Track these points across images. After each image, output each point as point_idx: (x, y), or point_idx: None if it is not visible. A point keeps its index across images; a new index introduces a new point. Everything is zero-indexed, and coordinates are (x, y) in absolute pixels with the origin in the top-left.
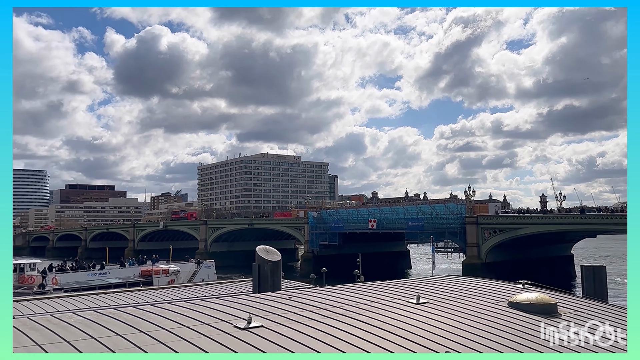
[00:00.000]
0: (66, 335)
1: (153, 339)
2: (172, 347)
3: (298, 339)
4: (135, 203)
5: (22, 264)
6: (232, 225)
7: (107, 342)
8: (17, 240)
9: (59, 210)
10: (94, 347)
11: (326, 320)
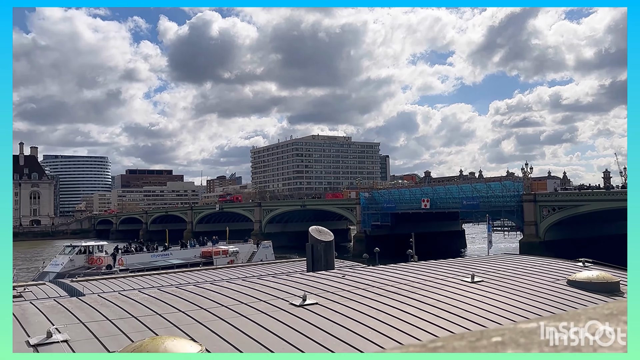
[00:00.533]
0: (133, 311)
1: (213, 315)
2: (231, 322)
3: (352, 316)
4: (192, 186)
5: (91, 246)
6: (285, 207)
7: (170, 318)
8: (83, 224)
9: (121, 195)
10: (159, 323)
11: (379, 299)
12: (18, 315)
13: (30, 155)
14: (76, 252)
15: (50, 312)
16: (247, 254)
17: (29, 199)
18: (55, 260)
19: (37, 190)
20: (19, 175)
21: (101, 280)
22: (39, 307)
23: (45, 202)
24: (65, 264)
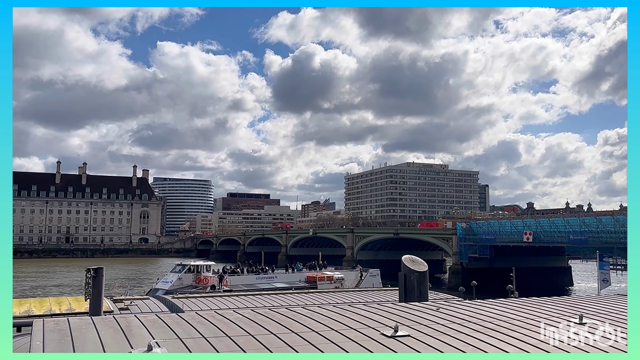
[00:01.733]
0: (227, 330)
1: (304, 340)
2: (320, 348)
3: (446, 351)
4: (288, 211)
5: (200, 266)
6: (377, 234)
7: (262, 340)
8: (186, 243)
9: (221, 217)
10: (251, 344)
11: (476, 335)
12: (123, 327)
13: (142, 177)
14: (185, 270)
15: (151, 326)
16: (353, 281)
17: (139, 218)
18: (166, 278)
19: (147, 210)
20: (132, 195)
21: (199, 298)
22: (142, 321)
23: (153, 221)
24: (174, 282)
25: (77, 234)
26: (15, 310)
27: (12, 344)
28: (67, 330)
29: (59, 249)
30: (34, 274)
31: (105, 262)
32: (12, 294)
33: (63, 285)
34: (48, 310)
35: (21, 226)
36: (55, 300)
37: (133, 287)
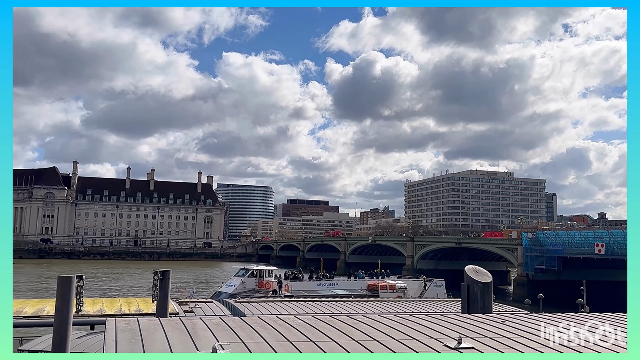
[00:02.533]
0: (289, 335)
1: (364, 348)
2: (381, 358)
3: None
4: (347, 218)
5: (262, 271)
6: (438, 243)
7: (323, 346)
8: (248, 248)
9: (281, 223)
10: (312, 349)
11: (543, 349)
12: (189, 328)
13: (206, 183)
14: (248, 275)
15: (215, 329)
16: (417, 291)
17: (203, 223)
18: (230, 282)
19: (211, 215)
20: (196, 200)
21: (261, 303)
22: (207, 323)
23: (217, 226)
24: (237, 286)
25: (145, 237)
26: (88, 309)
27: (87, 340)
28: (137, 330)
29: (128, 251)
30: (106, 275)
31: (171, 265)
32: (43, 294)
33: (132, 287)
34: (118, 310)
35: (94, 229)
36: (125, 301)
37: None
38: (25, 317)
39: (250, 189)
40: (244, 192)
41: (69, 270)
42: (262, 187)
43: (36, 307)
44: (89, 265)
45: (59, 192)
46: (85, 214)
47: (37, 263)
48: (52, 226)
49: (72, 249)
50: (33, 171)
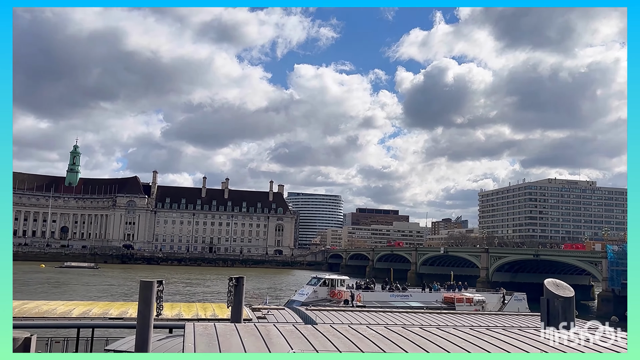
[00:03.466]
0: (361, 345)
1: None
2: None
3: None
4: (417, 227)
5: (334, 280)
6: (514, 255)
7: (395, 358)
8: (317, 256)
9: (350, 232)
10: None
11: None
12: (264, 335)
13: (277, 192)
14: (320, 284)
15: (289, 336)
16: (496, 305)
17: (274, 231)
18: (302, 290)
19: (282, 223)
20: (268, 209)
21: (332, 312)
22: (280, 330)
23: (287, 234)
24: (309, 294)
25: (219, 244)
26: (167, 313)
27: (166, 343)
28: (214, 335)
29: (204, 257)
30: (182, 280)
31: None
32: (67, 297)
33: (207, 292)
34: (195, 314)
35: (172, 236)
36: (201, 306)
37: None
38: (110, 318)
39: (320, 197)
40: (313, 201)
41: (148, 275)
42: (331, 196)
43: (120, 310)
44: (167, 271)
45: (140, 200)
46: (164, 221)
47: (120, 268)
48: (134, 233)
49: (152, 254)
50: (117, 180)
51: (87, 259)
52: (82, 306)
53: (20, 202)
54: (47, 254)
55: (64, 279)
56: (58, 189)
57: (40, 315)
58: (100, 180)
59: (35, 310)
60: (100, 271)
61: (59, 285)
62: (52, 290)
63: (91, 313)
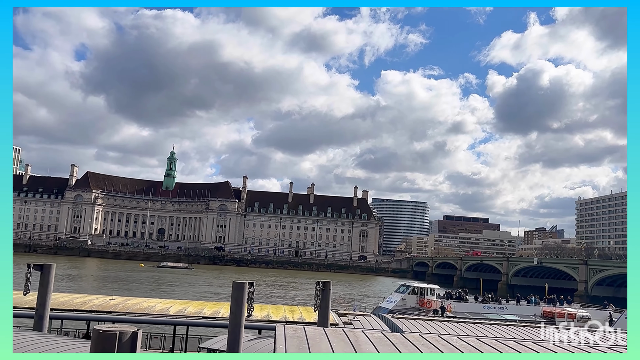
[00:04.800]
0: (451, 356)
1: None
2: None
3: None
4: (508, 236)
5: (424, 289)
6: (617, 268)
7: None
8: (402, 264)
9: (437, 239)
10: None
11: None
12: (352, 340)
13: (362, 198)
14: (409, 292)
15: (378, 343)
16: (603, 322)
17: (358, 237)
18: (390, 298)
19: (366, 229)
20: (352, 214)
21: (419, 321)
22: (369, 337)
23: (372, 240)
24: (397, 302)
25: (305, 248)
26: (257, 314)
27: (256, 343)
28: (304, 338)
29: (290, 261)
30: (270, 282)
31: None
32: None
33: (294, 296)
34: (283, 317)
35: (260, 239)
36: (288, 309)
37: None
38: (204, 317)
39: (405, 204)
40: (398, 207)
41: (237, 276)
42: (417, 203)
43: (213, 309)
44: (255, 273)
45: (230, 204)
46: (253, 224)
47: (212, 268)
48: (225, 235)
49: (241, 256)
50: (209, 185)
51: (181, 260)
52: (178, 305)
53: (123, 204)
54: (145, 253)
55: (161, 278)
56: (156, 193)
57: (141, 312)
58: (195, 185)
59: (137, 307)
60: (193, 271)
61: (157, 284)
62: (151, 288)
63: (186, 312)
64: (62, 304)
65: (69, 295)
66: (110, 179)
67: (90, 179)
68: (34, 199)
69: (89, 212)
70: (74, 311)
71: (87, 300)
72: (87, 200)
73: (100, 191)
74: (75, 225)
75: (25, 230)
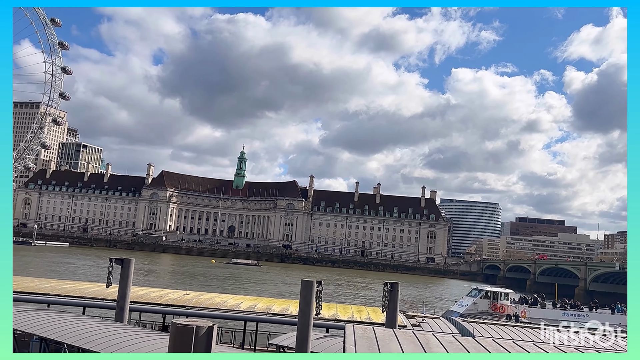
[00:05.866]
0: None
1: None
2: None
3: None
4: (587, 240)
5: (497, 292)
6: None
7: None
8: (472, 266)
9: (509, 242)
10: None
11: None
12: (422, 343)
13: (429, 198)
14: (481, 295)
15: (449, 347)
16: None
17: (426, 238)
18: (461, 302)
19: (434, 230)
20: (420, 215)
21: (491, 325)
22: (440, 340)
23: (440, 242)
24: (469, 306)
25: (371, 248)
26: (325, 313)
27: (324, 342)
28: (374, 338)
29: (356, 261)
30: (336, 281)
31: (395, 277)
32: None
33: (361, 295)
34: (350, 317)
35: (326, 238)
36: (356, 309)
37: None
38: (273, 314)
39: (475, 205)
40: (468, 208)
41: (305, 275)
42: (488, 204)
43: (282, 306)
44: (321, 271)
45: (297, 203)
46: (319, 223)
47: (279, 266)
48: (292, 233)
49: (308, 255)
50: (277, 184)
51: (250, 257)
52: (248, 301)
53: (195, 202)
54: (216, 250)
55: (232, 274)
56: (227, 192)
57: (214, 307)
58: (263, 184)
59: (209, 302)
60: (262, 268)
61: (228, 280)
62: (222, 284)
63: (256, 308)
64: (140, 297)
65: (146, 289)
66: (184, 177)
67: (165, 177)
68: (114, 196)
69: (163, 210)
70: (151, 304)
71: (163, 294)
72: (162, 198)
73: (174, 189)
74: (151, 222)
75: (106, 226)
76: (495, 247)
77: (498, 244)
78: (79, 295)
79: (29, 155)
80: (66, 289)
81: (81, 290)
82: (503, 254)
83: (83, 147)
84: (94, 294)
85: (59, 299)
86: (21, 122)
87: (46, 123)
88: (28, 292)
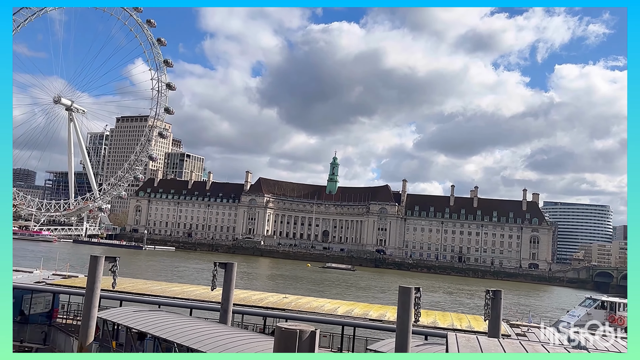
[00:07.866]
0: None
1: None
2: None
3: None
4: None
5: (615, 303)
6: None
7: None
8: (580, 273)
9: (623, 247)
10: None
11: None
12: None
13: (532, 201)
14: (595, 306)
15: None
16: None
17: (528, 243)
18: (573, 312)
19: (537, 235)
20: (521, 219)
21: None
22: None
23: (544, 247)
24: (581, 317)
25: (469, 254)
26: (423, 320)
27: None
28: (478, 347)
29: (453, 267)
30: (433, 288)
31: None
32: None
33: (461, 303)
34: (450, 324)
35: (421, 243)
36: (456, 316)
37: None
38: (370, 319)
39: (583, 207)
40: (575, 211)
41: (400, 280)
42: (597, 206)
43: (379, 312)
44: (416, 277)
45: (390, 208)
46: (413, 228)
47: (373, 271)
48: (385, 238)
49: (402, 260)
50: (370, 189)
51: (344, 261)
52: (345, 306)
53: (291, 207)
54: (311, 254)
55: (327, 279)
56: (320, 197)
57: (312, 310)
58: (355, 189)
59: (307, 306)
60: (356, 273)
61: (323, 284)
62: (318, 288)
63: (353, 313)
64: (242, 300)
65: (247, 292)
66: (280, 184)
67: (262, 184)
68: (215, 203)
69: (261, 215)
70: (252, 307)
71: (263, 297)
72: (259, 204)
73: (271, 195)
74: (250, 226)
75: (208, 231)
76: (607, 252)
77: (610, 249)
78: (186, 298)
79: (138, 167)
80: (174, 291)
81: (188, 292)
82: (616, 260)
83: (187, 156)
84: (200, 296)
85: (169, 301)
86: (133, 135)
87: (153, 136)
88: (142, 294)
